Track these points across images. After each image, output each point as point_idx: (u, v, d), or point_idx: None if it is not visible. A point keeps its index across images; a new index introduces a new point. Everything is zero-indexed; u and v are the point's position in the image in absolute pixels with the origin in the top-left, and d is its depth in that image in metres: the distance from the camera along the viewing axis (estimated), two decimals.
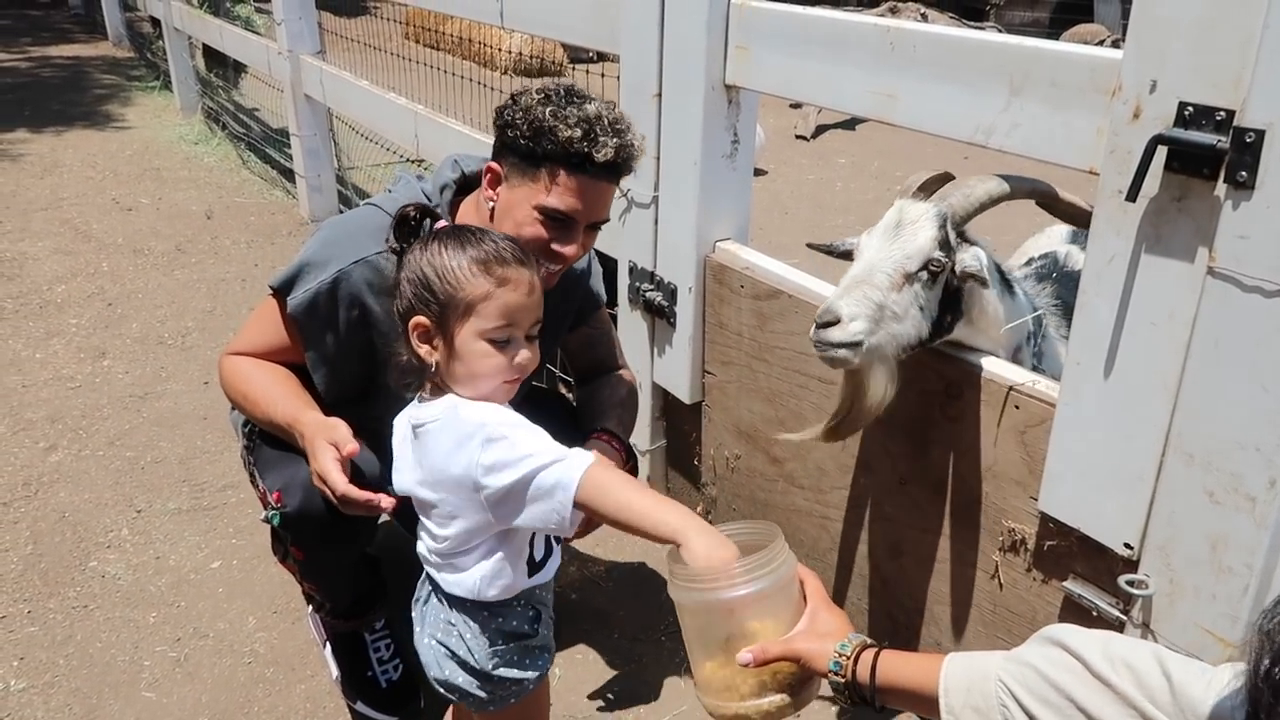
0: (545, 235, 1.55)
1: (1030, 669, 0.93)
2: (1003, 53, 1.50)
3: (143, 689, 1.98)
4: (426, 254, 1.27)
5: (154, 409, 3.04)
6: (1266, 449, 1.22)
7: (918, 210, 1.56)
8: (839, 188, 5.88)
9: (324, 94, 4.28)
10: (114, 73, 8.13)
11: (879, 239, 1.56)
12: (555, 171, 1.52)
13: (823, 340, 1.49)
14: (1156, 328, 1.32)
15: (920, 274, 1.52)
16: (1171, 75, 1.23)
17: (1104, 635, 0.92)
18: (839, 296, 1.51)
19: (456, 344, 1.26)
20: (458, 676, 1.39)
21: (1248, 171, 1.16)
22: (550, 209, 1.54)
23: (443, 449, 1.26)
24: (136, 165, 5.61)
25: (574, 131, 1.49)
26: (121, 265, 4.17)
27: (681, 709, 1.95)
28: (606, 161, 1.52)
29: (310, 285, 1.60)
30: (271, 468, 1.65)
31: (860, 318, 1.48)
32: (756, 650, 1.10)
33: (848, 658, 1.08)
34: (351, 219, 1.70)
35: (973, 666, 0.99)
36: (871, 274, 1.52)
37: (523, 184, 1.55)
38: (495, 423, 1.23)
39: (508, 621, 1.38)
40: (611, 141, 1.52)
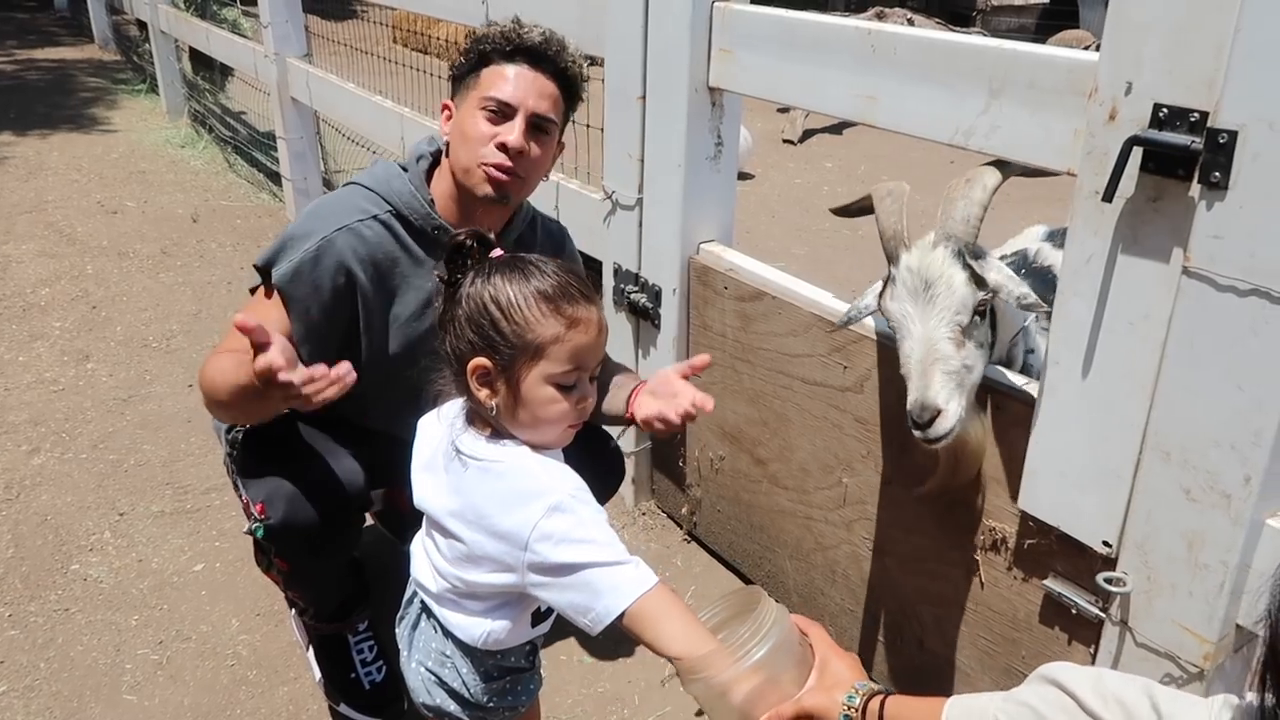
0: (487, 129, 1.61)
1: (1026, 708, 0.96)
2: (982, 55, 1.51)
3: (124, 692, 1.97)
4: (489, 288, 1.16)
5: (138, 412, 3.03)
6: (1241, 446, 1.23)
7: (933, 257, 1.47)
8: (826, 191, 5.90)
9: (311, 97, 4.27)
10: (100, 76, 8.10)
11: (914, 305, 1.48)
12: (491, 64, 1.62)
13: (932, 437, 1.44)
14: (1133, 327, 1.33)
15: (974, 318, 1.47)
16: (1146, 77, 1.24)
17: (1096, 672, 0.94)
18: (925, 388, 1.43)
19: (523, 389, 1.16)
20: (449, 705, 1.34)
21: (1221, 172, 1.17)
22: (488, 98, 1.60)
23: (498, 496, 1.18)
24: (122, 168, 5.59)
25: (505, 27, 1.62)
26: (106, 268, 4.16)
27: (665, 710, 1.96)
28: (533, 45, 1.61)
29: (294, 256, 1.59)
30: (254, 478, 1.64)
31: (954, 398, 1.44)
32: (771, 716, 1.12)
33: (856, 709, 1.11)
34: (332, 196, 1.72)
35: (972, 708, 1.02)
36: (936, 347, 1.45)
37: (466, 96, 1.64)
38: (568, 493, 1.15)
39: (506, 658, 1.33)
40: (539, 31, 1.62)
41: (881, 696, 1.12)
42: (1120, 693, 0.89)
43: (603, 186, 2.38)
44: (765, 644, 1.12)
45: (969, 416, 1.50)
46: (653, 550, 2.44)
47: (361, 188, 1.68)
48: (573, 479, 1.19)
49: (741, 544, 2.30)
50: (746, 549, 2.28)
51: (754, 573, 2.27)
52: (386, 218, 1.66)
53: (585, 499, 1.17)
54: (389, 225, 1.66)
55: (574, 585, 1.13)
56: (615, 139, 2.30)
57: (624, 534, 2.50)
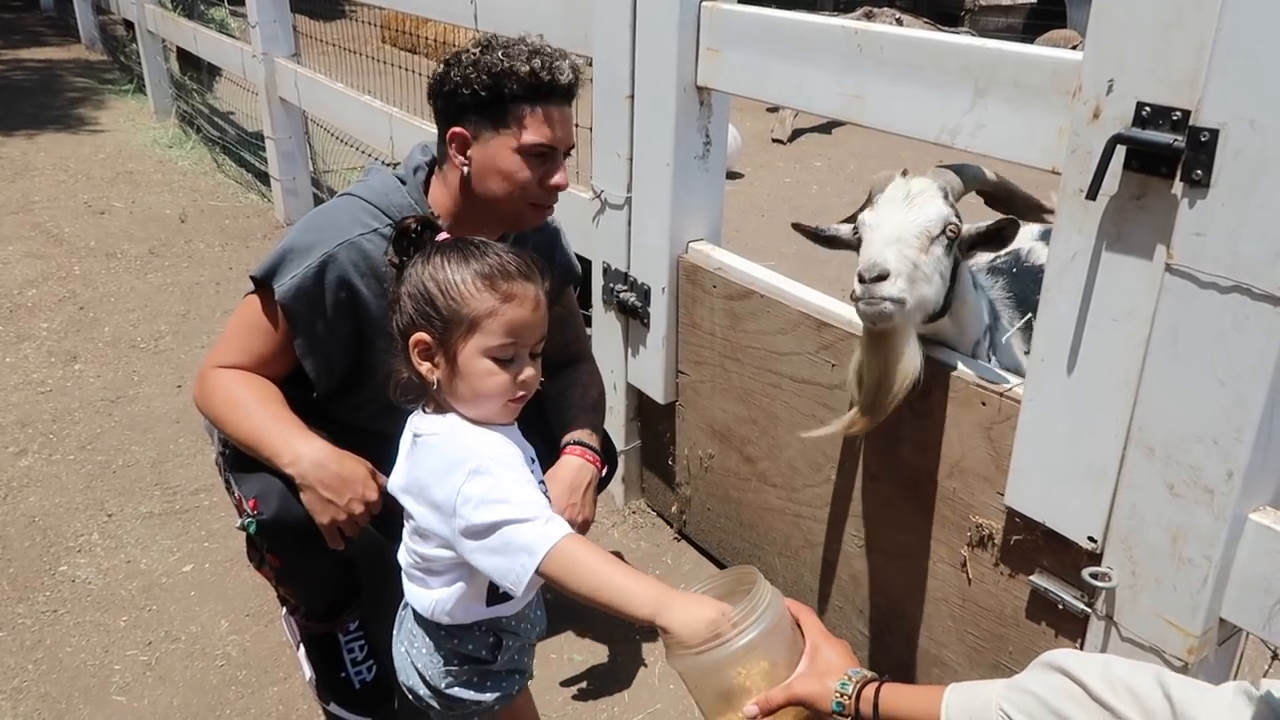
0: (532, 175, 1.60)
1: (1031, 696, 0.93)
2: (967, 54, 1.53)
3: (113, 693, 1.96)
4: (429, 268, 1.22)
5: (126, 413, 3.02)
6: (1224, 442, 1.24)
7: (922, 183, 1.56)
8: (815, 190, 5.92)
9: (299, 97, 4.27)
10: (87, 76, 8.06)
11: (893, 209, 1.54)
12: (524, 109, 1.57)
13: (876, 295, 1.44)
14: (1117, 324, 1.34)
15: (941, 237, 1.51)
16: (1129, 76, 1.26)
17: (1104, 659, 0.92)
18: (881, 250, 1.47)
19: (459, 361, 1.21)
20: (419, 687, 1.37)
21: (1203, 170, 1.19)
22: (532, 146, 1.58)
23: (432, 467, 1.23)
24: (109, 169, 5.57)
25: (532, 64, 1.55)
26: (94, 269, 4.14)
27: (656, 707, 1.96)
28: (568, 83, 1.59)
29: (296, 271, 1.59)
30: (247, 474, 1.64)
31: (903, 275, 1.46)
32: (761, 701, 1.11)
33: (849, 696, 1.09)
34: (331, 207, 1.70)
35: (974, 695, 1.00)
36: (902, 234, 1.49)
37: (495, 135, 1.58)
38: (488, 456, 1.19)
39: (463, 644, 1.35)
40: (566, 64, 1.59)
41: (876, 684, 1.10)
42: (1130, 680, 0.87)
43: (591, 186, 2.38)
44: (758, 626, 1.10)
45: (909, 327, 1.54)
46: (643, 549, 2.45)
47: (360, 200, 1.66)
48: (494, 443, 1.22)
49: (731, 542, 2.30)
50: (736, 546, 2.29)
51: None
52: (388, 230, 1.65)
53: (507, 461, 1.21)
54: (389, 238, 1.66)
55: (495, 548, 1.16)
56: (604, 138, 2.30)
57: (614, 532, 2.51)
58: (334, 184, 4.80)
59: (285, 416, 1.60)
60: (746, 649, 1.09)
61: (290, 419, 1.60)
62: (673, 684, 2.02)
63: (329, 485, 1.52)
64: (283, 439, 1.55)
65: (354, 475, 1.53)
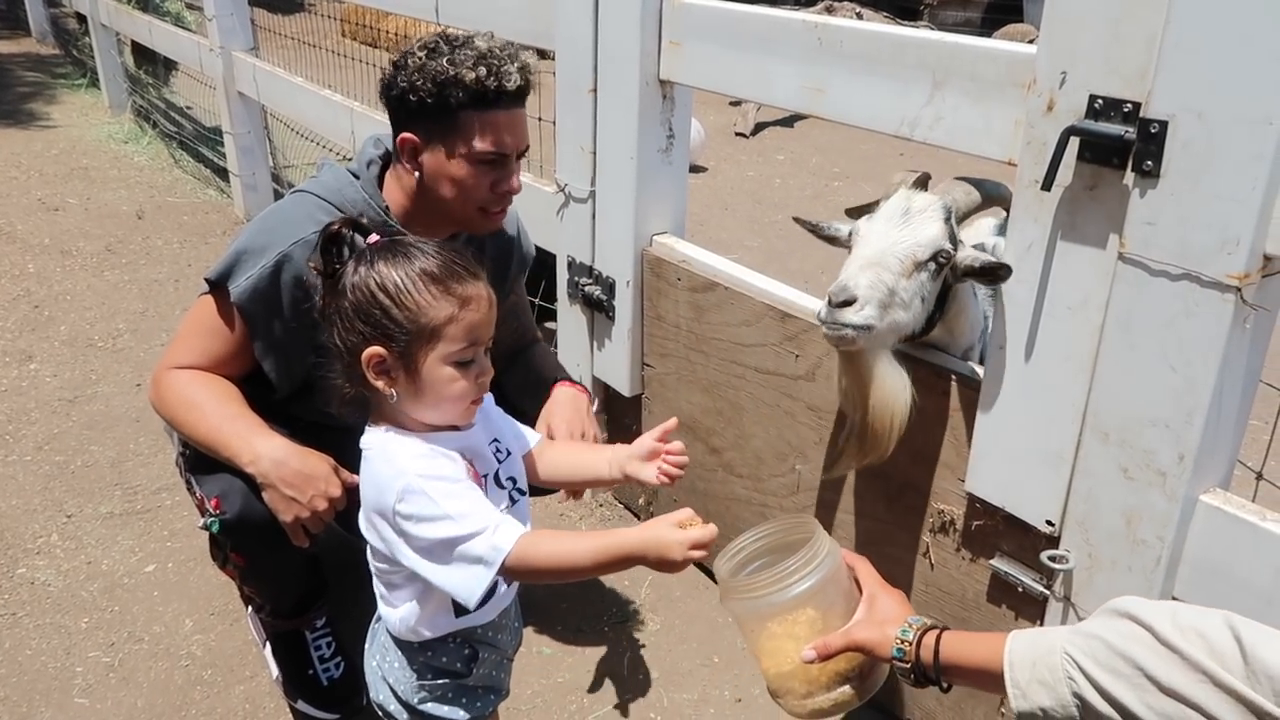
0: (486, 181, 1.59)
1: (1098, 641, 0.92)
2: (925, 48, 1.55)
3: (75, 695, 1.94)
4: (374, 276, 1.15)
5: (84, 412, 2.97)
6: (1175, 425, 1.27)
7: (925, 200, 1.53)
8: (778, 184, 5.96)
9: (258, 91, 4.21)
10: (38, 70, 7.89)
11: (886, 225, 1.51)
12: (473, 116, 1.54)
13: (837, 320, 1.42)
14: (1073, 311, 1.37)
15: (929, 264, 1.49)
16: (1082, 69, 1.28)
17: (1172, 605, 0.91)
18: (855, 275, 1.45)
19: (423, 373, 1.17)
20: (389, 703, 1.34)
21: (1153, 160, 1.22)
22: (483, 154, 1.56)
23: (371, 485, 1.21)
24: (63, 164, 5.46)
25: (478, 71, 1.51)
26: (48, 266, 4.06)
27: (626, 697, 1.97)
28: (517, 88, 1.56)
29: (251, 272, 1.57)
30: (209, 474, 1.62)
31: (873, 301, 1.43)
32: (819, 645, 1.11)
33: (910, 643, 1.09)
34: (283, 206, 1.69)
35: (1038, 642, 0.99)
36: (884, 257, 1.47)
37: (445, 142, 1.56)
38: (415, 474, 1.15)
39: (437, 657, 1.31)
40: (514, 68, 1.55)
41: (937, 631, 1.09)
42: (1199, 624, 0.86)
43: (555, 179, 2.38)
44: (816, 574, 1.11)
45: (879, 350, 1.51)
46: None
47: (313, 196, 1.65)
48: (420, 458, 1.17)
49: None
50: None
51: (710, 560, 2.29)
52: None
53: (437, 473, 1.15)
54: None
55: (447, 564, 1.13)
56: (567, 132, 2.30)
57: (581, 525, 2.51)
58: (294, 179, 4.74)
59: (243, 415, 1.58)
60: (804, 596, 1.10)
61: (249, 417, 1.58)
62: (641, 675, 2.03)
63: (290, 483, 1.51)
64: (241, 438, 1.54)
65: (316, 471, 1.52)
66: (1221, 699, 0.83)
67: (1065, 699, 0.93)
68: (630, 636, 2.14)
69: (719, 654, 2.10)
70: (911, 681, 1.10)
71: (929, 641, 1.08)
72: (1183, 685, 0.85)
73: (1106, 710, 0.90)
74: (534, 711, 1.94)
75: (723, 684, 2.02)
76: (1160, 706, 0.86)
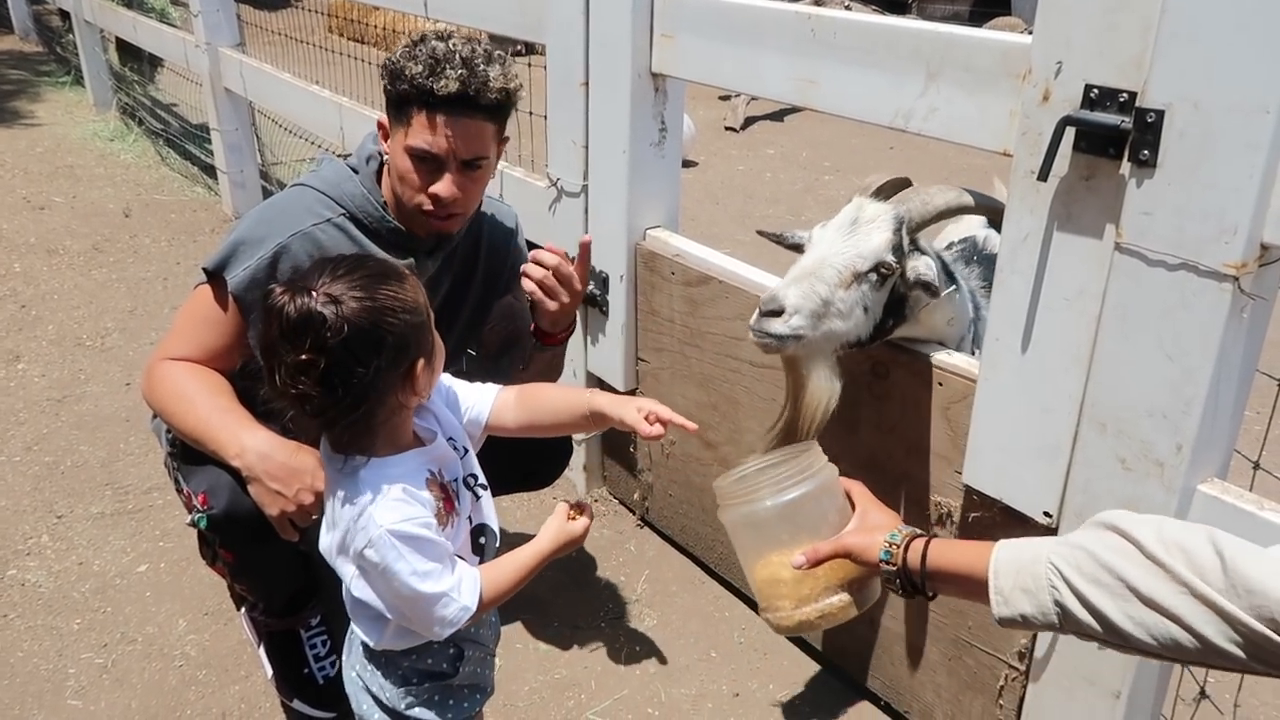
0: (418, 179, 1.60)
1: (1082, 551, 0.94)
2: (919, 38, 1.54)
3: (68, 697, 1.92)
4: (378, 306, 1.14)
5: (73, 412, 2.95)
6: (1173, 416, 1.27)
7: (876, 210, 1.53)
8: (768, 178, 5.95)
9: (245, 87, 4.18)
10: (21, 68, 7.82)
11: (833, 233, 1.53)
12: (413, 111, 1.56)
13: (762, 329, 1.47)
14: (1069, 303, 1.37)
15: (870, 275, 1.49)
16: (1078, 59, 1.28)
17: (1159, 519, 0.92)
18: (786, 286, 1.48)
19: (435, 351, 1.25)
20: (373, 714, 1.32)
21: (1150, 150, 1.21)
22: (413, 149, 1.57)
23: (339, 520, 1.21)
24: (48, 163, 5.41)
25: (419, 68, 1.53)
26: (35, 266, 4.03)
27: (622, 693, 1.97)
28: (450, 95, 1.53)
29: (249, 262, 1.57)
30: (196, 469, 1.62)
31: (803, 311, 1.45)
32: (809, 552, 1.12)
33: (898, 546, 1.10)
34: (283, 198, 1.69)
35: (1024, 550, 1.00)
36: (821, 268, 1.49)
37: (396, 131, 1.61)
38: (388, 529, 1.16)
39: (422, 660, 1.31)
40: (456, 73, 1.52)
41: (926, 538, 1.10)
42: (1182, 538, 0.88)
43: (547, 174, 2.37)
44: (809, 483, 1.13)
45: (815, 357, 1.53)
46: (606, 537, 2.45)
47: (312, 190, 1.66)
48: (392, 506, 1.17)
49: (694, 527, 2.31)
50: (699, 532, 2.30)
51: (707, 555, 2.29)
52: (341, 221, 1.66)
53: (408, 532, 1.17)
54: (343, 228, 1.66)
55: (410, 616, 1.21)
56: (559, 126, 2.29)
57: None
58: (283, 176, 4.72)
59: (232, 409, 1.57)
60: (796, 502, 1.12)
61: (237, 411, 1.57)
62: (639, 670, 2.03)
63: (276, 476, 1.49)
64: (228, 431, 1.53)
65: (302, 465, 1.50)
66: (1200, 610, 0.84)
67: (1047, 607, 0.95)
68: (627, 632, 2.14)
69: (716, 649, 2.09)
70: (898, 589, 1.11)
71: (917, 546, 1.09)
72: (1163, 596, 0.86)
73: (1087, 619, 0.92)
74: (531, 708, 1.93)
75: (720, 679, 2.02)
76: (1140, 617, 0.88)
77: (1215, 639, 0.84)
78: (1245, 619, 0.82)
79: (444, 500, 1.25)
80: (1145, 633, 0.88)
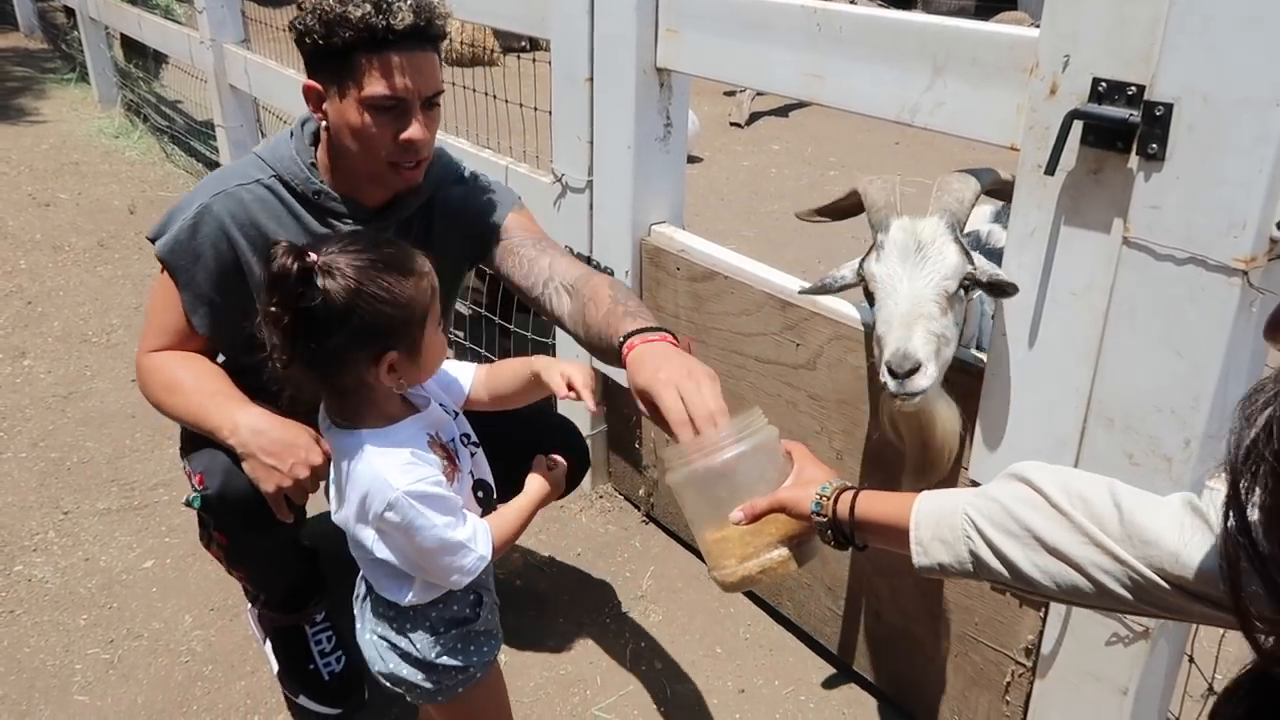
0: (385, 130, 1.49)
1: (995, 503, 0.98)
2: (926, 32, 1.53)
3: (75, 693, 1.93)
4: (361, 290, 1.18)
5: (79, 408, 2.96)
6: (1181, 411, 1.27)
7: (932, 226, 1.47)
8: (773, 174, 5.94)
9: (250, 84, 4.18)
10: (26, 65, 7.83)
11: (905, 267, 1.45)
12: (362, 58, 1.44)
13: (910, 391, 1.38)
14: (1077, 297, 1.36)
15: (959, 293, 1.45)
16: (1085, 52, 1.27)
17: (1066, 472, 0.97)
18: (908, 339, 1.38)
19: (422, 349, 1.27)
20: (401, 669, 1.38)
21: (1158, 144, 1.21)
22: (375, 98, 1.46)
23: (354, 488, 1.26)
24: (53, 160, 5.42)
25: (364, 8, 1.41)
26: (40, 262, 4.04)
27: (627, 690, 1.97)
28: (408, 26, 1.44)
29: (174, 227, 1.59)
30: (198, 450, 1.62)
31: (932, 360, 1.39)
32: (746, 507, 1.16)
33: (828, 498, 1.13)
34: (226, 166, 1.71)
35: (943, 503, 1.03)
36: (922, 305, 1.42)
37: (340, 87, 1.48)
38: (401, 490, 1.22)
39: (448, 609, 1.37)
40: (405, 4, 1.44)
41: (854, 491, 1.12)
42: (1084, 490, 0.93)
43: (552, 169, 2.37)
44: (747, 442, 1.17)
45: (939, 394, 1.48)
46: (611, 532, 2.45)
47: (254, 156, 1.66)
48: (405, 470, 1.23)
49: None
50: None
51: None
52: (270, 181, 1.61)
53: (422, 491, 1.23)
54: (272, 189, 1.61)
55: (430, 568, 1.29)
56: (563, 121, 2.29)
57: (582, 517, 2.51)
58: None
59: (222, 390, 1.58)
60: (737, 459, 1.16)
61: (228, 392, 1.58)
62: (644, 666, 2.03)
63: (270, 451, 1.48)
64: (222, 411, 1.53)
65: (296, 439, 1.49)
66: (1098, 557, 0.90)
67: (963, 556, 0.99)
68: (633, 628, 2.14)
69: (721, 645, 2.09)
70: (830, 539, 1.14)
71: (846, 498, 1.12)
72: (1066, 545, 0.92)
73: (998, 567, 0.97)
74: (537, 704, 1.94)
75: (725, 675, 2.01)
76: (1045, 565, 0.93)
77: (1108, 584, 0.90)
78: (1139, 566, 0.87)
79: (447, 459, 1.31)
80: (1049, 579, 0.93)
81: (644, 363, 1.31)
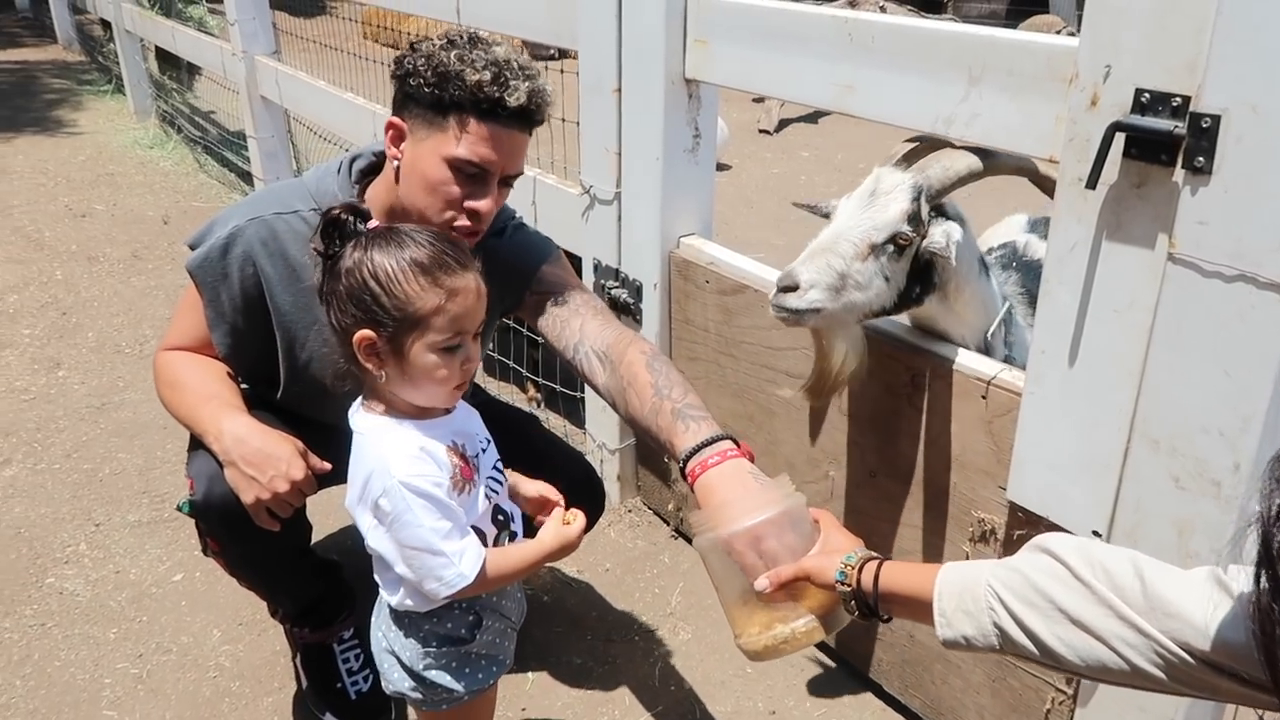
0: (457, 191, 1.46)
1: (1018, 574, 0.97)
2: (960, 42, 1.50)
3: (104, 708, 1.93)
4: (367, 263, 1.21)
5: (112, 419, 2.98)
6: (1230, 433, 1.22)
7: (894, 180, 1.55)
8: (803, 181, 5.90)
9: (280, 95, 4.21)
10: (64, 77, 7.97)
11: (853, 205, 1.56)
12: (464, 119, 1.43)
13: (779, 304, 1.52)
14: (1119, 314, 1.32)
15: (886, 246, 1.52)
16: (1127, 62, 1.23)
17: (1088, 544, 0.96)
18: (802, 262, 1.52)
19: (409, 358, 1.23)
20: (393, 673, 1.37)
21: (1205, 157, 1.16)
22: (461, 160, 1.44)
23: (360, 468, 1.26)
24: (89, 171, 5.50)
25: (483, 75, 1.40)
26: (76, 273, 4.09)
27: (657, 710, 1.94)
28: (519, 107, 1.43)
29: (208, 241, 1.59)
30: (195, 454, 1.62)
31: (819, 285, 1.50)
32: (772, 575, 1.16)
33: (853, 568, 1.12)
34: (273, 186, 1.70)
35: (966, 574, 1.03)
36: (837, 242, 1.53)
37: (429, 136, 1.45)
38: (398, 482, 1.21)
39: (442, 624, 1.34)
40: (523, 85, 1.43)
41: (879, 560, 1.12)
42: (1107, 561, 0.92)
43: (580, 181, 2.35)
44: (773, 509, 1.17)
45: (836, 328, 1.59)
46: (639, 548, 2.43)
47: (300, 183, 1.66)
48: (409, 462, 1.23)
49: None
50: None
51: None
52: (310, 215, 1.59)
53: (419, 488, 1.21)
54: (310, 223, 1.59)
55: (413, 566, 1.24)
56: (591, 133, 2.27)
57: (610, 531, 2.48)
58: None
59: (219, 395, 1.58)
60: (763, 525, 1.16)
61: (225, 398, 1.58)
62: (673, 686, 2.00)
63: (250, 461, 1.47)
64: (212, 416, 1.53)
65: (278, 452, 1.48)
66: (1123, 631, 0.88)
67: (987, 629, 0.98)
68: (662, 646, 2.11)
69: (752, 664, 2.06)
70: (854, 610, 1.13)
71: (871, 568, 1.11)
72: (1088, 617, 0.90)
73: (1023, 640, 0.95)
74: None
75: (756, 695, 1.98)
76: (1068, 638, 0.92)
77: (1137, 660, 0.87)
78: (1162, 639, 0.85)
79: (462, 467, 1.28)
80: (1074, 654, 0.91)
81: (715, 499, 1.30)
